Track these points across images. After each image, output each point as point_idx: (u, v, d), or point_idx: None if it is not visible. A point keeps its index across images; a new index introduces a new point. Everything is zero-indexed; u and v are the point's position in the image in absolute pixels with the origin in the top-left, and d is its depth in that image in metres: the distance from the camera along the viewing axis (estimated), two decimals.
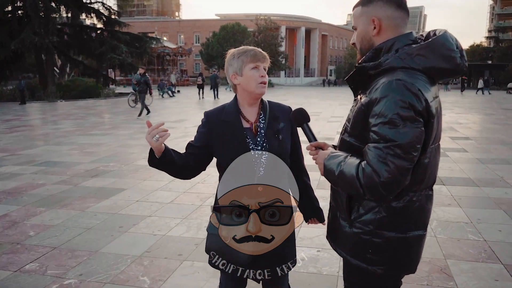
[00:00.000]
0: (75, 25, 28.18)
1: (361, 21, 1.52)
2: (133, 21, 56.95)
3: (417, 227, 1.49)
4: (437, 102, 1.44)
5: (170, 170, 1.77)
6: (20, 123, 13.31)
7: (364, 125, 1.41)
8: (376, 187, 1.32)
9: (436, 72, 1.42)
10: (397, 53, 1.42)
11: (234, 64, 1.81)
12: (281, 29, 58.87)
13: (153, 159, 1.70)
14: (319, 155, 1.56)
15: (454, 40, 1.43)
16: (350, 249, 1.55)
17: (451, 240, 3.82)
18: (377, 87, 1.38)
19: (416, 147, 1.32)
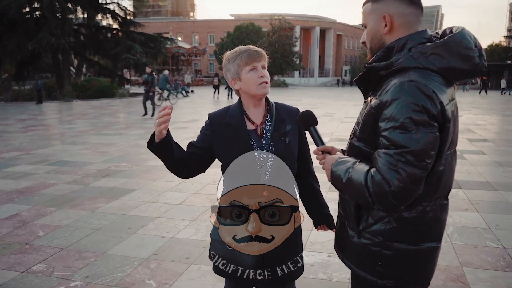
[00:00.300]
0: (91, 25, 28.52)
1: (372, 18, 1.43)
2: (148, 21, 57.54)
3: (431, 239, 1.39)
4: (453, 105, 1.34)
5: (166, 159, 1.72)
6: (36, 123, 13.49)
7: (374, 129, 1.32)
8: (386, 197, 1.23)
9: (452, 72, 1.31)
10: (410, 52, 1.32)
11: (230, 69, 1.74)
12: (296, 29, 58.64)
13: (152, 143, 1.66)
14: (327, 160, 1.48)
15: (473, 38, 1.32)
16: (359, 261, 1.46)
17: (468, 247, 3.68)
18: (388, 89, 1.29)
19: (429, 153, 1.22)
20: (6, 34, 24.64)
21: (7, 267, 3.36)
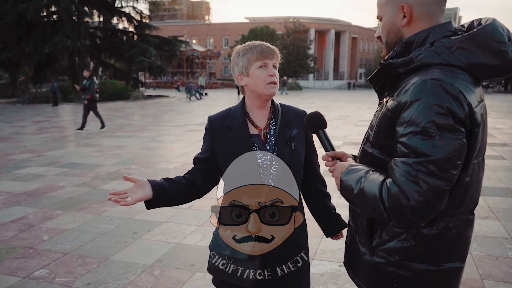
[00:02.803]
0: (106, 28, 28.78)
1: (388, 9, 1.26)
2: (163, 25, 57.93)
3: (453, 259, 1.23)
4: (482, 107, 1.17)
5: (171, 204, 1.73)
6: (50, 125, 13.58)
7: (390, 135, 1.16)
8: (404, 212, 1.06)
9: (482, 69, 1.14)
10: (432, 46, 1.16)
11: (239, 63, 1.60)
12: (310, 32, 58.35)
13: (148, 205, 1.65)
14: (336, 168, 1.33)
15: (506, 31, 1.15)
16: (371, 281, 1.30)
17: (489, 257, 3.47)
18: (408, 89, 1.13)
19: (455, 163, 1.06)
20: (24, 37, 25.08)
21: (9, 272, 3.28)
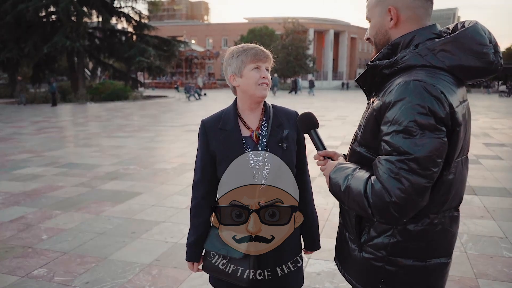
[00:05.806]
0: (105, 29, 28.80)
1: (376, 11, 1.31)
2: (162, 25, 57.96)
3: (439, 254, 1.27)
4: (464, 107, 1.21)
5: None
6: (49, 125, 13.60)
7: (376, 134, 1.20)
8: (386, 208, 1.10)
9: (464, 71, 1.18)
10: (416, 48, 1.20)
11: (233, 63, 1.64)
12: (309, 32, 58.34)
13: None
14: (327, 166, 1.37)
15: (487, 33, 1.19)
16: (360, 276, 1.34)
17: (484, 256, 3.51)
18: (392, 89, 1.17)
19: (436, 161, 1.10)
20: (23, 37, 25.10)
21: (8, 271, 3.31)
